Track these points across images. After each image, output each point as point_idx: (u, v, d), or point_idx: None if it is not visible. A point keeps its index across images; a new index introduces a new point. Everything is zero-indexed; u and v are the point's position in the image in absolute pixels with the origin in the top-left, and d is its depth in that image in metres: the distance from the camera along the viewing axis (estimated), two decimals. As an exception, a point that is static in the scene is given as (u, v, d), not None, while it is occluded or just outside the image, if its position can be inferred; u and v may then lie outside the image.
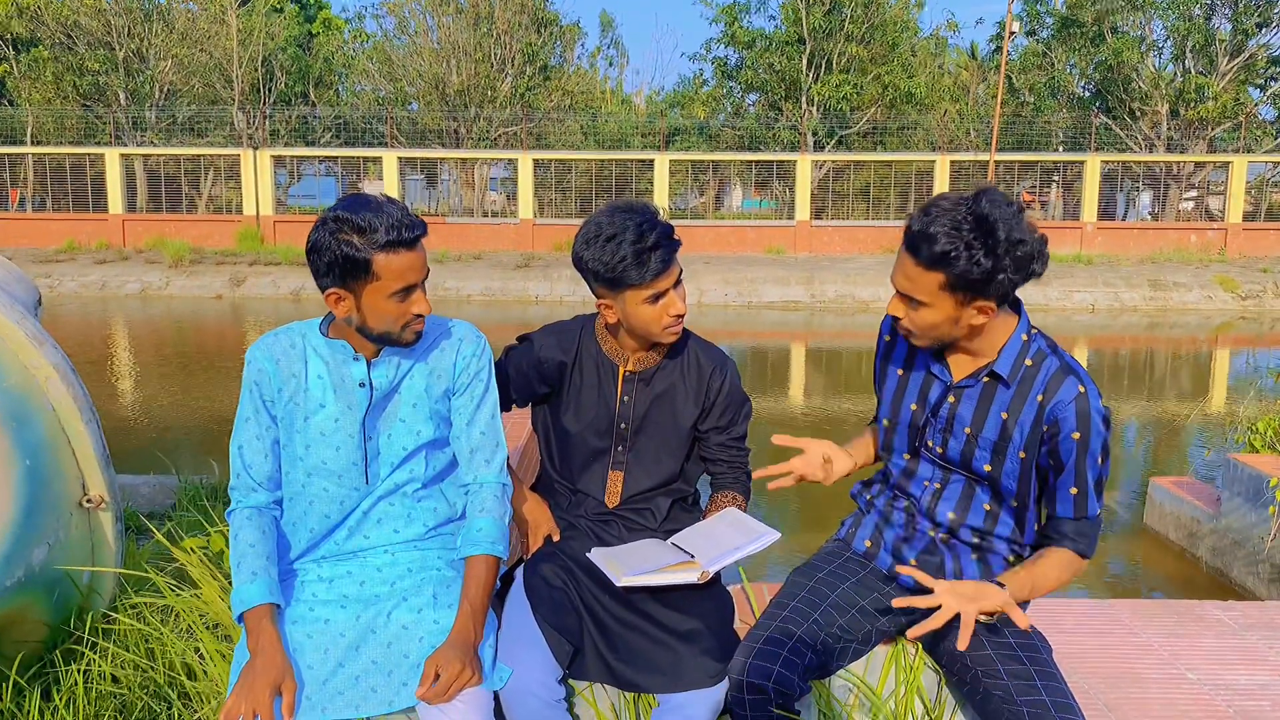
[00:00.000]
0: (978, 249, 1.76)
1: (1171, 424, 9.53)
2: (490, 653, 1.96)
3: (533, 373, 2.29)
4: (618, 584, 2.03)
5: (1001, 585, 1.89)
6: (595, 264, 2.09)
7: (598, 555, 2.18)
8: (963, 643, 1.79)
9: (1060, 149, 29.25)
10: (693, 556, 2.09)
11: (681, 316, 2.16)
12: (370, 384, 1.99)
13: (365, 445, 2.00)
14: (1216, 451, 6.76)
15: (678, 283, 2.14)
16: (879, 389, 2.27)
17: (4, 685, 2.36)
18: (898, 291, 1.93)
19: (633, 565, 2.08)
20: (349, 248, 1.83)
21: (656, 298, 2.11)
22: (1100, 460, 1.93)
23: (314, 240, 1.87)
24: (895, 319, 2.15)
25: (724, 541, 2.12)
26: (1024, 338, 1.98)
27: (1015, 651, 1.95)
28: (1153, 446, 8.98)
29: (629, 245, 2.04)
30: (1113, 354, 15.13)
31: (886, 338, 2.22)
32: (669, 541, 2.24)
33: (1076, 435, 1.90)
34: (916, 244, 1.82)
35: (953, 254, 1.78)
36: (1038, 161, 27.01)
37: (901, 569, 2.02)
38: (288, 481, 2.04)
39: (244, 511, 2.00)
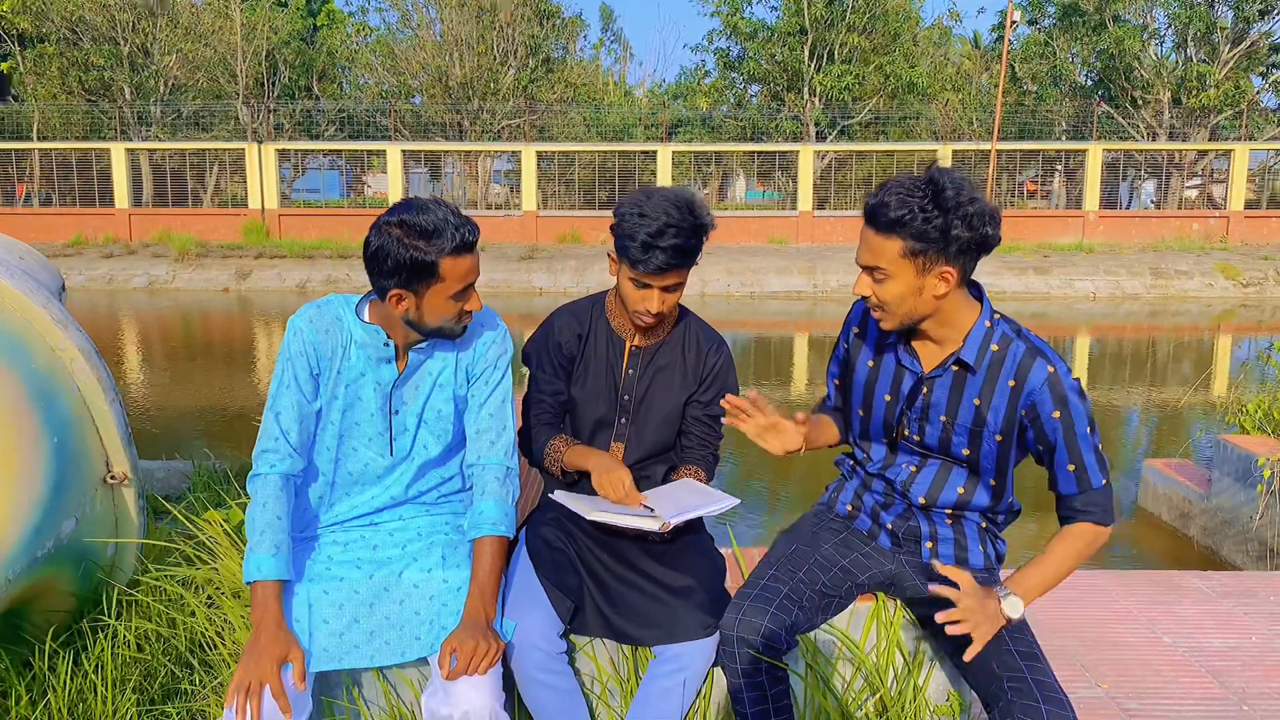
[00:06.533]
0: (930, 208, 1.88)
1: (1171, 409, 9.62)
2: (497, 610, 2.07)
3: (555, 352, 2.43)
4: (586, 518, 2.14)
5: (1010, 592, 1.96)
6: (618, 228, 2.23)
7: (562, 495, 2.26)
8: (970, 655, 1.90)
9: (1063, 138, 29.26)
10: (653, 511, 2.17)
11: (655, 315, 2.26)
12: (395, 363, 2.10)
13: (391, 418, 2.12)
14: (1208, 433, 6.85)
15: (670, 288, 2.25)
16: (841, 377, 2.33)
17: (37, 651, 2.48)
18: (863, 269, 2.01)
19: (600, 506, 2.18)
20: (417, 252, 1.91)
21: (641, 285, 2.23)
22: (1089, 431, 1.98)
23: (378, 245, 1.93)
24: (865, 308, 2.23)
25: (684, 501, 2.21)
26: (987, 324, 2.05)
27: None
28: (1152, 431, 9.08)
29: (643, 233, 2.16)
30: (1114, 341, 15.20)
31: (855, 330, 2.28)
32: None
33: (1057, 415, 1.97)
34: (874, 213, 1.94)
35: (907, 215, 1.89)
36: (1040, 150, 27.04)
37: (935, 588, 1.95)
38: (318, 448, 2.13)
39: (275, 479, 2.02)
